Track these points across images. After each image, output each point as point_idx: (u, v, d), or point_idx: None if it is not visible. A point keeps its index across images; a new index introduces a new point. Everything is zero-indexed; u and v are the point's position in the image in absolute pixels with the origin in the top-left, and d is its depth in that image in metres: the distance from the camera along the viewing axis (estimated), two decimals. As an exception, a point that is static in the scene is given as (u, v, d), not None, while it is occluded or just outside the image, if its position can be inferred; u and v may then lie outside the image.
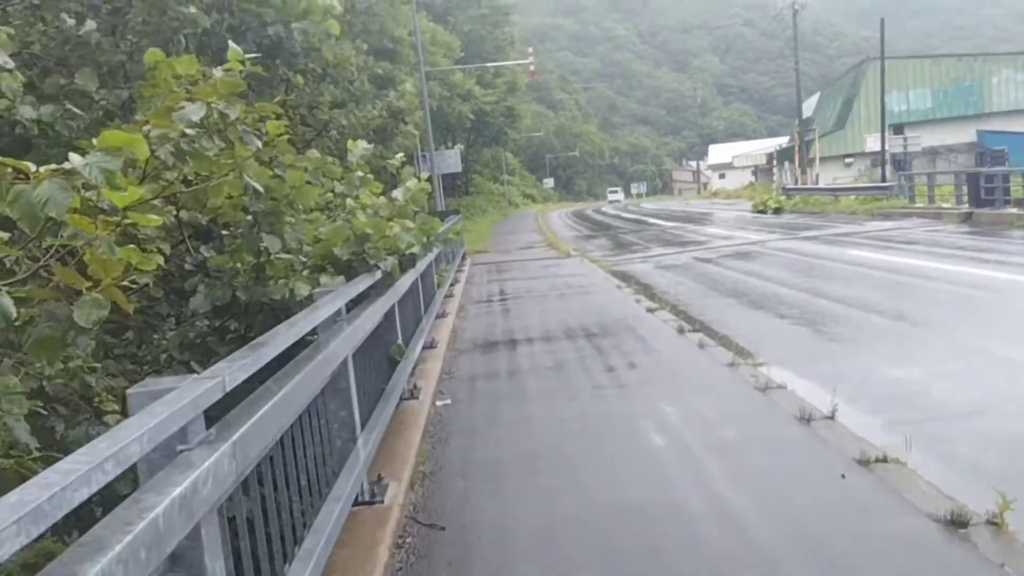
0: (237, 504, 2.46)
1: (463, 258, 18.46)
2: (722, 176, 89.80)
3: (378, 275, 4.81)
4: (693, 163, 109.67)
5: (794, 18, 42.01)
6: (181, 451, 1.94)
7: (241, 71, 3.47)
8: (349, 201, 6.21)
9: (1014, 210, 16.58)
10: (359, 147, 6.77)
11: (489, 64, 36.43)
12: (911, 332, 7.57)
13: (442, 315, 9.69)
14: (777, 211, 30.25)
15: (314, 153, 6.72)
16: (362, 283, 4.37)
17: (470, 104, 37.17)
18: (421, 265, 8.22)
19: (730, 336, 7.85)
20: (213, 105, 3.07)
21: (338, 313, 3.83)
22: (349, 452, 3.73)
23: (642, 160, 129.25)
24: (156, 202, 3.44)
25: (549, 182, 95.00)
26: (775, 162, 49.08)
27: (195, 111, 2.96)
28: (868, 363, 6.45)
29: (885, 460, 4.09)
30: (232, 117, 3.10)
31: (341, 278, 4.53)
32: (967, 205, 18.42)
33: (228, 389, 2.04)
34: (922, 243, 14.82)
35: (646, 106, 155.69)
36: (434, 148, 40.73)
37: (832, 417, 4.85)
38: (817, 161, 38.19)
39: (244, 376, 2.18)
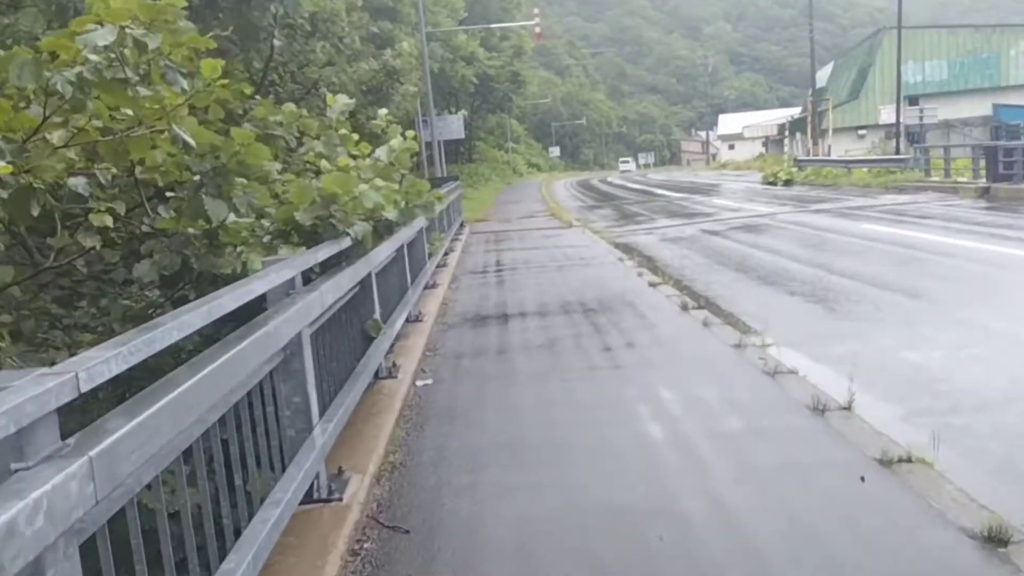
0: (132, 522, 2.01)
1: (461, 226, 17.93)
2: (731, 147, 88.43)
3: (347, 243, 4.32)
4: (702, 133, 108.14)
5: (810, -16, 40.75)
6: (16, 471, 1.47)
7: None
8: (324, 163, 5.70)
9: (1035, 185, 15.94)
10: (339, 101, 6.26)
11: (494, 25, 35.32)
12: (931, 312, 7.07)
13: (432, 286, 9.21)
14: (788, 183, 29.53)
15: (290, 107, 6.20)
16: (323, 251, 3.88)
17: (473, 68, 36.16)
18: (408, 232, 7.74)
19: (736, 314, 7.37)
20: (128, 30, 2.55)
21: (290, 284, 3.35)
22: (302, 444, 3.28)
23: (650, 130, 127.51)
24: (72, 154, 2.95)
25: (555, 151, 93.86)
26: (787, 133, 48.03)
27: (103, 35, 2.44)
28: (886, 346, 5.96)
29: (910, 460, 3.63)
30: (151, 47, 2.57)
31: (304, 248, 4.06)
32: (984, 180, 17.76)
33: (84, 389, 1.57)
34: (939, 218, 14.24)
35: (656, 74, 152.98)
36: (436, 113, 39.86)
37: (849, 408, 4.37)
38: (830, 132, 37.31)
39: (114, 370, 1.70)
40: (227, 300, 2.47)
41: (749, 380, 5.07)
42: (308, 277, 3.83)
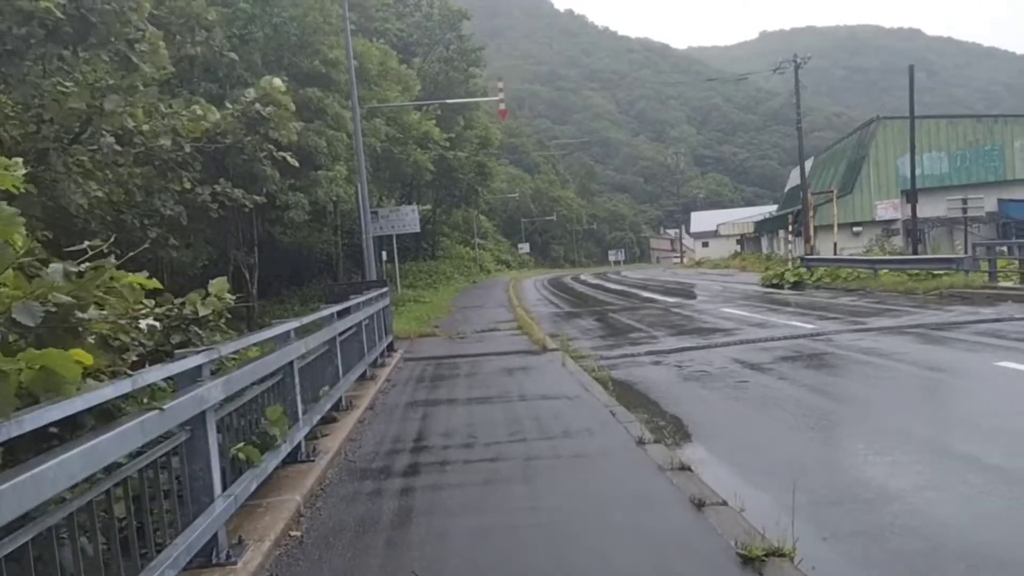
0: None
1: (390, 350, 12.62)
2: (705, 244, 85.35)
3: None
4: (672, 231, 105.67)
5: (796, 71, 37.87)
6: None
7: None
8: None
9: None
10: None
11: (451, 101, 31.08)
12: None
13: (222, 563, 3.85)
14: (796, 285, 25.03)
15: None
16: None
17: (430, 153, 31.66)
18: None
19: None
20: None
21: None
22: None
23: (620, 227, 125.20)
24: None
25: (525, 247, 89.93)
26: (790, 228, 43.78)
27: None
28: None
29: None
30: None
31: None
32: (1100, 286, 13.15)
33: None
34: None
35: (623, 174, 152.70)
36: (393, 204, 35.12)
37: None
38: (835, 229, 33.29)
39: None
40: None
41: None
42: None
